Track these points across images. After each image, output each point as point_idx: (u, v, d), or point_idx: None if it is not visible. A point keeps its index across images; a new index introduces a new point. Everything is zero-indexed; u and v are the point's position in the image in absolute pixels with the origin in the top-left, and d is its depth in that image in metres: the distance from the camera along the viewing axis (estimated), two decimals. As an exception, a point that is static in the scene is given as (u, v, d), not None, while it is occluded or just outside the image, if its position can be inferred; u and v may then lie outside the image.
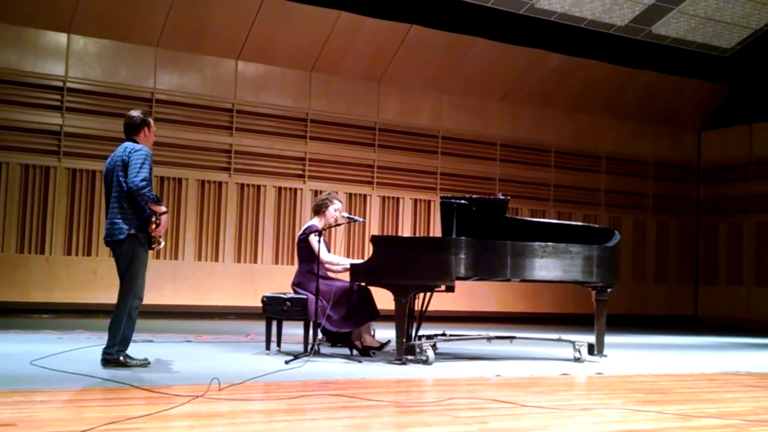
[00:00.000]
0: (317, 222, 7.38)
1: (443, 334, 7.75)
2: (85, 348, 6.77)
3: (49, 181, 11.44)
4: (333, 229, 9.89)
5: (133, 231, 5.81)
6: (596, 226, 8.41)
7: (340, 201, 7.56)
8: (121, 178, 5.81)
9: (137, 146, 5.90)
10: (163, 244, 6.18)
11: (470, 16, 13.38)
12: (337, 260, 7.41)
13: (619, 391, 5.68)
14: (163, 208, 5.85)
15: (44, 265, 11.32)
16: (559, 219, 14.52)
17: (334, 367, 6.31)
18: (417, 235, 13.77)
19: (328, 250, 7.55)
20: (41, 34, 11.56)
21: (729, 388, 6.03)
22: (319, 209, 7.43)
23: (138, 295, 5.91)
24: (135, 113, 6.15)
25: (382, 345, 7.24)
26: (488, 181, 14.51)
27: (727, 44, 14.93)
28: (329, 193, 7.61)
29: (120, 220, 5.81)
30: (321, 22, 12.70)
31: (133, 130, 6.06)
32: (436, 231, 13.61)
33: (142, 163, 5.77)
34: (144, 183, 5.72)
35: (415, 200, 13.98)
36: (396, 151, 13.82)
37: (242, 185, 12.64)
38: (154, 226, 5.81)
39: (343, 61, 13.26)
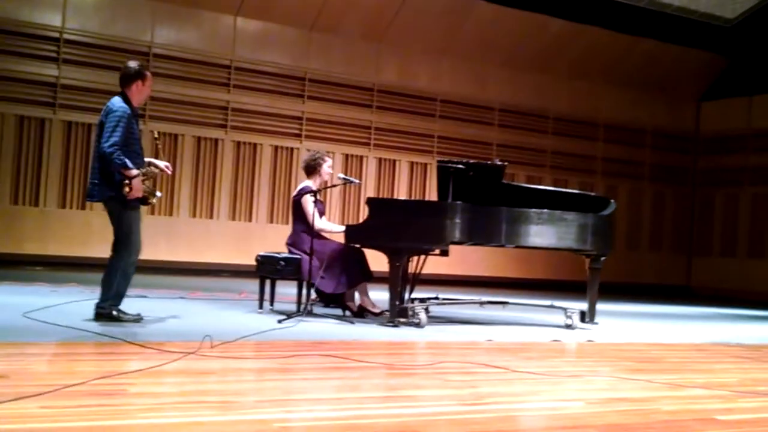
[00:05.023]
0: (311, 183, 7.35)
1: (436, 298, 7.76)
2: (78, 302, 6.77)
3: (44, 133, 11.37)
4: (328, 191, 9.88)
5: (112, 194, 5.75)
6: (592, 194, 8.41)
7: (330, 158, 7.56)
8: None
9: (115, 106, 5.76)
10: (160, 195, 6.15)
11: (473, -22, 13.24)
12: (330, 227, 7.39)
13: (609, 358, 5.72)
14: (134, 172, 5.70)
15: (38, 217, 11.29)
16: (555, 186, 14.49)
17: (327, 327, 6.33)
18: (413, 198, 13.75)
19: (323, 213, 7.53)
20: (38, -17, 11.42)
21: (718, 359, 6.07)
22: (312, 169, 7.38)
23: (134, 250, 5.89)
24: (132, 64, 6.02)
25: (380, 312, 7.18)
26: (485, 146, 14.46)
27: (730, 14, 14.80)
28: (317, 152, 7.57)
29: (98, 182, 5.77)
30: (322, -21, 12.56)
31: (125, 81, 5.92)
32: (432, 195, 13.59)
33: (114, 127, 5.66)
34: (113, 149, 5.61)
35: (412, 163, 13.95)
36: (394, 114, 13.76)
37: (239, 143, 12.59)
38: (127, 189, 5.71)
39: (343, 21, 13.14)
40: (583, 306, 7.56)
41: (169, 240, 11.95)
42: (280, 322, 6.31)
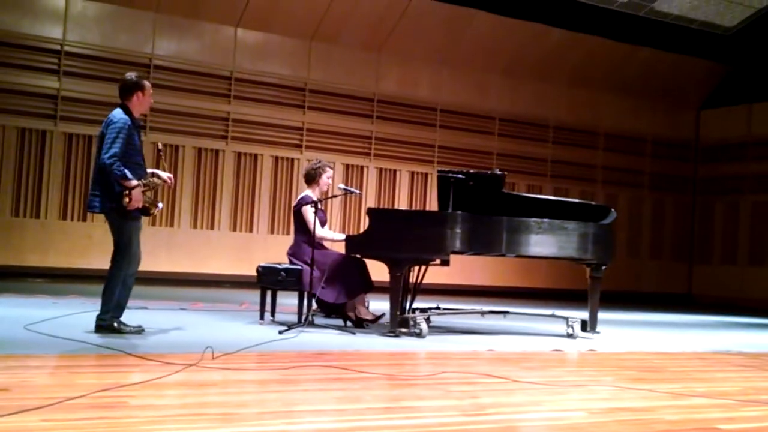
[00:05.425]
0: (311, 192, 7.37)
1: (437, 308, 7.76)
2: (79, 313, 6.76)
3: (45, 144, 11.40)
4: (329, 200, 9.89)
5: (113, 205, 5.75)
6: (593, 203, 8.41)
7: (331, 168, 7.57)
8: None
9: (116, 117, 5.78)
10: (161, 206, 6.16)
11: (472, -12, 13.28)
12: (331, 236, 7.41)
13: (611, 368, 5.71)
14: (134, 182, 5.71)
15: (39, 229, 11.30)
16: (555, 195, 14.51)
17: (328, 338, 6.32)
18: (413, 208, 13.76)
19: (325, 223, 7.55)
20: (39, -4, 11.46)
21: (720, 368, 6.06)
22: (312, 178, 7.41)
23: (134, 261, 5.90)
24: (130, 75, 6.03)
25: (377, 318, 7.23)
26: (486, 155, 14.48)
27: (729, 23, 14.83)
28: (319, 161, 7.58)
29: (98, 193, 5.78)
30: (322, -10, 12.59)
31: (124, 93, 5.93)
32: (432, 204, 13.60)
33: (114, 138, 5.67)
34: (112, 160, 5.62)
35: (412, 173, 13.96)
36: (394, 123, 13.77)
37: (239, 154, 12.60)
38: (127, 200, 5.71)
39: (343, 31, 13.17)
40: (585, 315, 7.55)
41: (169, 251, 11.95)
42: (281, 333, 6.30)
